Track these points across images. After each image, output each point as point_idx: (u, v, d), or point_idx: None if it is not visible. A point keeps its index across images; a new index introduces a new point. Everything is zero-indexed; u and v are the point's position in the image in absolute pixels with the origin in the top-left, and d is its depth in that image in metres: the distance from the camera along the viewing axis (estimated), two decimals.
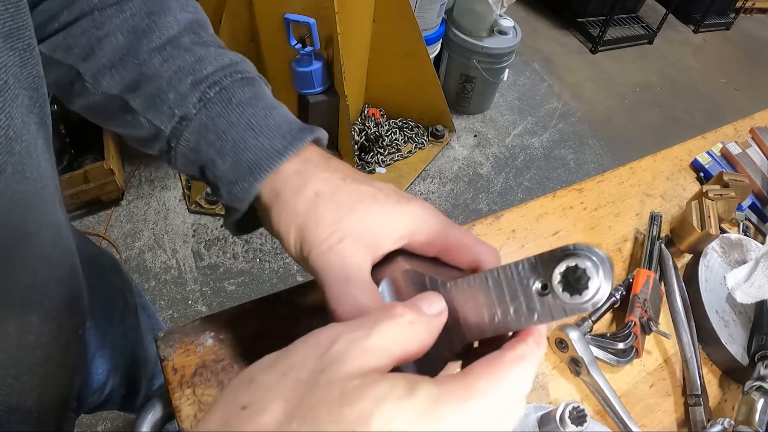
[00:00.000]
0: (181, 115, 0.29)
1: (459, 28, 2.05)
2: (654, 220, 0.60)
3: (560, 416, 0.37)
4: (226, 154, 0.29)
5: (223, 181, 0.29)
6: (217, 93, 0.30)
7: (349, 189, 0.28)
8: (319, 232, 0.26)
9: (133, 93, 0.30)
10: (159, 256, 1.57)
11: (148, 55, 0.30)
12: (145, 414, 0.38)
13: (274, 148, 0.28)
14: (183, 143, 0.30)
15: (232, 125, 0.29)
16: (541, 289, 0.21)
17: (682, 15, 3.68)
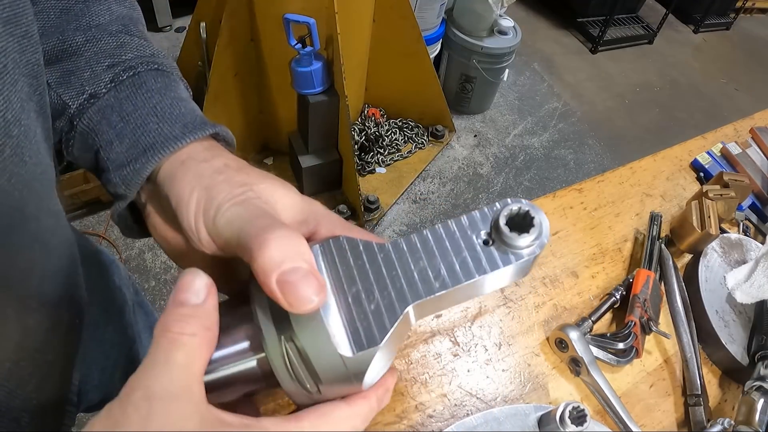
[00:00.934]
0: (91, 92, 0.29)
1: (459, 28, 2.05)
2: (654, 220, 0.60)
3: (560, 416, 0.37)
4: (125, 136, 0.28)
5: (116, 163, 0.28)
6: (129, 77, 0.30)
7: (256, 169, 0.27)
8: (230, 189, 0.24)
9: (51, 67, 0.30)
10: (159, 256, 1.57)
11: (72, 33, 0.30)
12: None
13: (173, 134, 0.27)
14: (85, 122, 0.29)
15: (137, 108, 0.29)
16: (484, 243, 0.22)
17: (682, 15, 3.69)
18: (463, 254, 0.22)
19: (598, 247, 0.58)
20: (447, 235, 0.22)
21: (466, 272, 0.21)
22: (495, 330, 0.48)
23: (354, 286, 0.21)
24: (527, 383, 0.45)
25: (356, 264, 0.22)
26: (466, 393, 0.43)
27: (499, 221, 0.22)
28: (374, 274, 0.22)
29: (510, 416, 0.40)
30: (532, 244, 0.22)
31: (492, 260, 0.22)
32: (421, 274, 0.22)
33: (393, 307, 0.21)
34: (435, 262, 0.22)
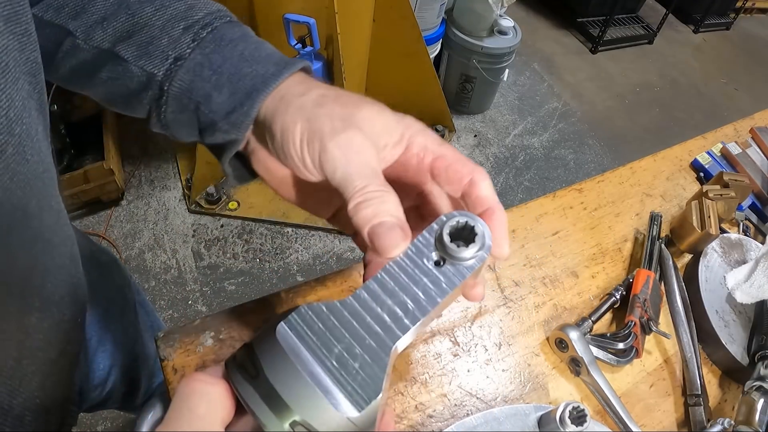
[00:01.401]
0: (175, 56, 0.30)
1: (459, 28, 2.05)
2: (654, 220, 0.60)
3: (560, 416, 0.37)
4: (223, 86, 0.29)
5: (220, 113, 0.29)
6: (209, 33, 0.31)
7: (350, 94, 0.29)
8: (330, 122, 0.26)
9: (125, 43, 0.31)
10: (159, 256, 1.57)
11: (139, 6, 0.31)
12: (145, 414, 0.38)
13: (269, 73, 0.29)
14: (176, 84, 0.30)
15: (227, 59, 0.30)
16: (436, 264, 0.23)
17: (682, 15, 3.68)
18: (422, 282, 0.23)
19: (598, 247, 0.58)
20: (400, 269, 0.23)
21: (430, 299, 0.23)
22: (495, 330, 0.48)
23: (334, 349, 0.22)
24: (527, 383, 0.45)
25: (327, 327, 0.22)
26: (466, 393, 0.43)
27: (444, 239, 0.23)
28: (348, 332, 0.22)
29: (510, 416, 0.40)
30: (478, 254, 0.23)
31: (449, 279, 0.23)
32: (391, 315, 0.22)
33: (378, 355, 0.21)
34: (399, 299, 0.23)
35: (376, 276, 0.23)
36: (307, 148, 0.26)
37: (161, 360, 0.38)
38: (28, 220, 0.28)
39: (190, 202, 1.68)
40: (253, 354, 0.21)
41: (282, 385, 0.20)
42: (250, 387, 0.21)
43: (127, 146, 1.81)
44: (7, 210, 0.25)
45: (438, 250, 0.23)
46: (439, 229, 0.23)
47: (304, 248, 1.66)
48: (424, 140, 0.28)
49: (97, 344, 0.53)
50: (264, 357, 0.21)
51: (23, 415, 0.35)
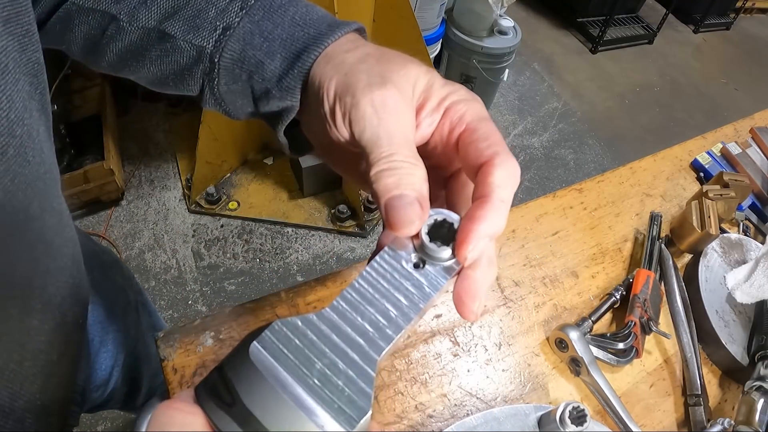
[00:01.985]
0: (224, 26, 0.29)
1: (459, 28, 2.05)
2: (654, 220, 0.60)
3: (560, 416, 0.37)
4: (275, 52, 0.28)
5: (273, 80, 0.28)
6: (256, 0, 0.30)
7: (398, 54, 0.27)
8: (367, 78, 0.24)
9: (171, 20, 0.30)
10: (159, 256, 1.57)
11: None
12: (145, 414, 0.38)
13: (321, 33, 0.28)
14: (227, 55, 0.29)
15: (277, 25, 0.29)
16: (415, 266, 0.22)
17: (682, 15, 3.68)
18: (403, 287, 0.21)
19: (598, 247, 0.58)
20: (379, 275, 0.22)
21: (413, 304, 0.21)
22: (495, 330, 0.48)
23: (314, 367, 0.20)
24: (527, 383, 0.45)
25: (305, 344, 0.20)
26: (466, 393, 0.43)
27: (423, 240, 0.21)
28: (328, 346, 0.20)
29: (510, 416, 0.40)
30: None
31: (431, 281, 0.22)
32: (373, 325, 0.21)
33: (363, 370, 0.20)
34: (380, 307, 0.21)
35: (353, 284, 0.22)
36: (339, 105, 0.24)
37: (161, 360, 0.38)
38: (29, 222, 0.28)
39: (190, 202, 1.68)
40: (226, 378, 0.20)
41: (261, 410, 0.18)
42: (226, 416, 0.19)
43: (127, 146, 1.81)
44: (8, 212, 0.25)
45: (417, 252, 0.22)
46: None
47: (304, 248, 1.66)
48: (464, 109, 0.24)
49: (99, 344, 0.53)
50: (239, 381, 0.19)
51: (24, 417, 0.35)
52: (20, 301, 0.30)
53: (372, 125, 0.23)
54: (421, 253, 0.22)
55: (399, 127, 0.23)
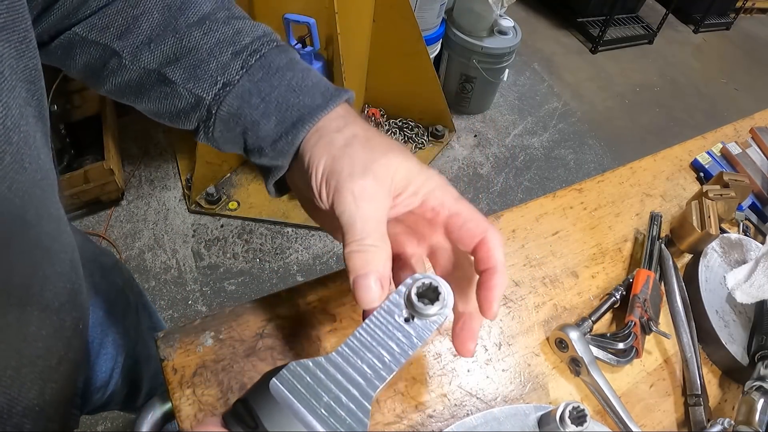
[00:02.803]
0: (224, 81, 0.31)
1: (459, 28, 2.05)
2: (654, 220, 0.60)
3: (560, 416, 0.37)
4: (271, 114, 0.30)
5: (267, 140, 0.31)
6: (257, 60, 0.31)
7: (382, 138, 0.30)
8: (350, 165, 0.28)
9: (173, 66, 0.31)
10: (159, 256, 1.57)
11: (187, 29, 0.32)
12: (145, 414, 0.38)
13: (315, 104, 0.30)
14: (224, 109, 0.31)
15: (274, 87, 0.31)
16: (406, 321, 0.27)
17: (682, 15, 3.68)
18: (395, 337, 0.26)
19: (598, 247, 0.58)
20: (376, 326, 0.27)
21: (403, 351, 0.26)
22: (495, 330, 0.48)
23: (322, 399, 0.24)
24: (527, 383, 0.45)
25: (315, 381, 0.25)
26: (466, 393, 0.43)
27: (412, 299, 0.26)
28: (334, 383, 0.25)
29: (510, 416, 0.40)
30: (443, 309, 0.27)
31: (419, 333, 0.27)
32: (371, 367, 0.26)
33: (361, 403, 0.25)
34: (376, 352, 0.26)
35: (355, 333, 0.26)
36: (325, 185, 0.28)
37: (161, 360, 0.38)
38: (26, 229, 0.28)
39: (190, 202, 1.68)
40: (249, 407, 0.24)
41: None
42: None
43: (127, 146, 1.81)
44: (5, 219, 0.25)
45: (407, 308, 0.27)
46: (407, 290, 0.27)
47: (304, 248, 1.66)
48: (442, 196, 0.29)
49: (98, 347, 0.53)
50: (260, 409, 0.24)
51: (22, 423, 0.35)
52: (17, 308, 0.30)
53: (350, 210, 0.27)
54: (411, 310, 0.27)
55: (373, 212, 0.27)
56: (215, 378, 0.38)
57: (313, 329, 0.42)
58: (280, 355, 0.40)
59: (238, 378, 0.38)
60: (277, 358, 0.40)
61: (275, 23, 1.35)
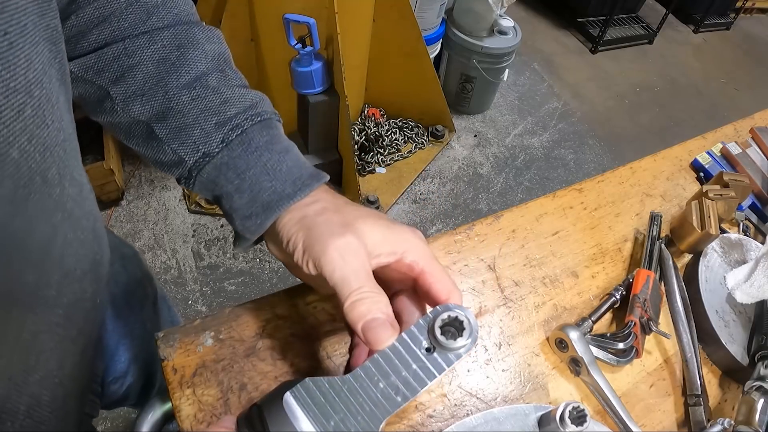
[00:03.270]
0: (205, 151, 0.33)
1: (459, 28, 2.05)
2: (654, 220, 0.60)
3: (560, 416, 0.37)
4: (244, 191, 0.32)
5: (239, 213, 0.32)
6: (238, 136, 0.33)
7: (351, 207, 0.32)
8: (328, 228, 0.29)
9: (160, 123, 0.33)
10: (159, 256, 1.57)
11: (177, 90, 0.33)
12: (145, 414, 0.38)
13: (285, 193, 0.32)
14: (203, 175, 0.33)
15: (250, 167, 0.32)
16: (426, 351, 0.26)
17: (682, 15, 3.68)
18: (413, 367, 0.26)
19: (598, 247, 0.58)
20: (395, 354, 0.26)
21: (419, 381, 0.26)
22: (495, 330, 0.48)
23: (332, 419, 0.25)
24: (527, 383, 0.45)
25: (327, 400, 0.25)
26: (466, 393, 0.43)
27: (435, 331, 0.26)
28: (345, 405, 0.25)
29: (510, 416, 0.40)
30: (467, 343, 0.26)
31: (437, 365, 0.26)
32: (384, 394, 0.26)
33: (369, 428, 0.25)
34: (391, 380, 0.26)
35: (374, 357, 0.26)
36: (308, 254, 0.29)
37: (161, 360, 0.38)
38: (48, 187, 0.28)
39: (190, 202, 1.68)
40: (262, 415, 0.25)
41: None
42: None
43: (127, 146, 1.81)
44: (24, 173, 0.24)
45: (430, 339, 0.26)
46: (432, 321, 0.26)
47: None
48: (416, 256, 0.31)
49: (117, 336, 0.53)
50: (270, 419, 0.25)
51: (40, 393, 0.35)
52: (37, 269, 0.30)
53: (339, 267, 0.28)
54: (433, 341, 0.26)
55: (361, 265, 0.28)
56: (215, 378, 0.38)
57: (313, 329, 0.42)
58: (279, 355, 0.40)
59: (238, 378, 0.38)
60: (277, 358, 0.40)
61: (275, 23, 1.35)
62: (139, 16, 0.33)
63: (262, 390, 0.38)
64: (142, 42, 0.33)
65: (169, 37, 0.34)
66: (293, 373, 0.39)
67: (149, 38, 0.33)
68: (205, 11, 1.64)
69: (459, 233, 0.53)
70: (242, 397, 0.37)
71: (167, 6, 0.35)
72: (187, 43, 0.34)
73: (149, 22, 0.33)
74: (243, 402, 0.37)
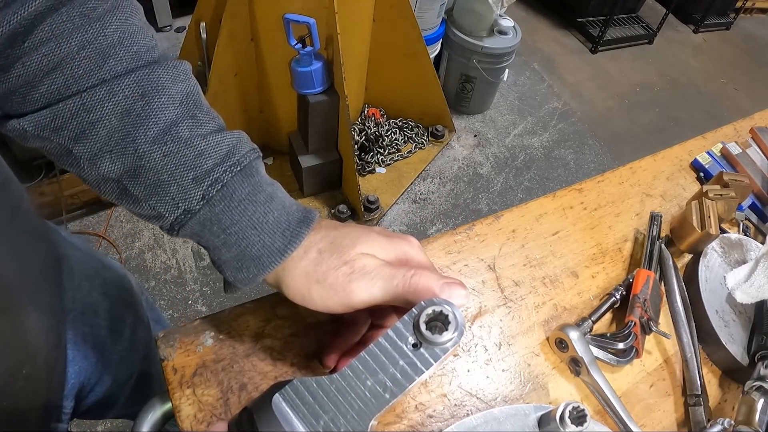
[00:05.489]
0: (185, 208, 0.31)
1: (459, 28, 2.05)
2: (654, 220, 0.60)
3: (560, 416, 0.37)
4: (231, 245, 0.31)
5: (229, 266, 0.32)
6: (218, 191, 0.31)
7: (343, 233, 0.32)
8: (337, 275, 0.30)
9: (133, 181, 0.30)
10: (159, 256, 1.57)
11: (148, 147, 0.29)
12: (145, 414, 0.38)
13: (275, 247, 0.31)
14: (186, 231, 0.32)
15: (235, 222, 0.31)
16: (413, 347, 0.26)
17: (682, 15, 3.68)
18: (400, 363, 0.26)
19: (598, 247, 0.58)
20: (381, 351, 0.26)
21: (407, 377, 0.26)
22: (495, 330, 0.48)
23: (321, 419, 0.25)
24: (527, 383, 0.45)
25: (316, 400, 0.26)
26: (466, 393, 0.43)
27: (420, 327, 0.26)
28: (333, 405, 0.25)
29: (510, 416, 0.40)
30: (452, 337, 0.26)
31: (424, 360, 0.26)
32: (372, 392, 0.26)
33: (358, 426, 0.25)
34: (379, 377, 0.26)
35: (361, 356, 0.26)
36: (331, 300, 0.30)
37: (161, 360, 0.38)
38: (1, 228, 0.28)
39: None
40: (252, 418, 0.25)
41: None
42: None
43: None
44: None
45: (416, 335, 0.27)
46: (417, 316, 0.27)
47: None
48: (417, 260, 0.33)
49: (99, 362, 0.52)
50: (261, 422, 0.25)
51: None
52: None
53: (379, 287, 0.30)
54: (419, 337, 0.27)
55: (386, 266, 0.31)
56: (215, 378, 0.38)
57: (313, 329, 0.42)
58: (279, 355, 0.40)
59: (238, 378, 0.38)
60: (277, 358, 0.40)
61: (275, 23, 1.35)
62: (94, 60, 0.29)
63: (262, 390, 0.38)
64: (101, 94, 0.29)
65: (131, 85, 0.30)
66: (293, 373, 0.39)
67: (108, 90, 0.29)
68: (205, 11, 1.64)
69: (459, 233, 0.53)
70: (242, 397, 0.37)
71: (124, 44, 0.30)
72: (151, 90, 0.30)
73: (106, 67, 0.29)
74: (243, 402, 0.37)
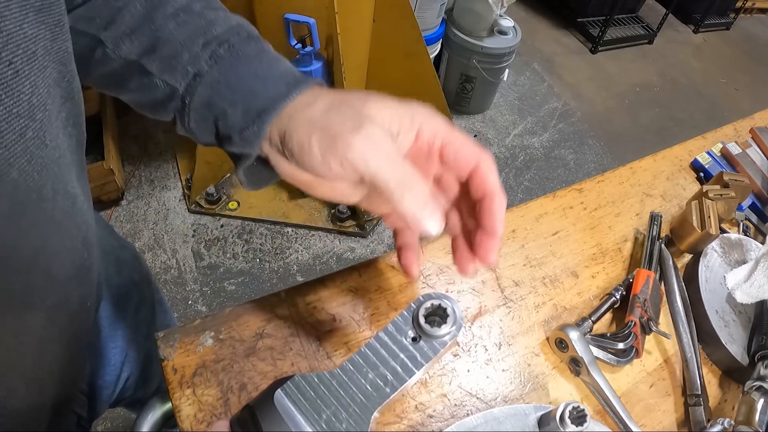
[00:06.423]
0: (195, 72, 0.32)
1: (459, 28, 2.05)
2: (654, 220, 0.60)
3: (560, 416, 0.37)
4: (237, 103, 0.31)
5: (235, 128, 0.31)
6: (226, 50, 0.32)
7: (356, 94, 0.31)
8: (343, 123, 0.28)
9: (150, 57, 0.33)
10: (159, 256, 1.57)
11: (163, 21, 0.33)
12: (145, 414, 0.38)
13: (279, 93, 0.30)
14: (197, 99, 0.32)
15: (241, 77, 0.31)
16: (412, 340, 0.27)
17: (682, 15, 3.68)
18: (400, 357, 0.27)
19: (598, 247, 0.58)
20: (382, 345, 0.27)
21: (407, 371, 0.26)
22: (495, 330, 0.48)
23: (323, 413, 0.25)
24: (527, 383, 0.45)
25: (318, 395, 0.26)
26: (466, 393, 0.43)
27: (420, 320, 0.27)
28: (335, 399, 0.26)
29: (510, 416, 0.40)
30: (451, 330, 0.27)
31: (424, 354, 0.27)
32: (373, 385, 0.26)
33: (360, 419, 0.25)
34: (380, 371, 0.26)
35: (361, 350, 0.27)
36: (330, 154, 0.27)
37: (161, 360, 0.38)
38: (42, 202, 0.28)
39: (190, 202, 1.68)
40: (254, 415, 0.25)
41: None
42: None
43: (127, 146, 1.81)
44: (21, 191, 0.25)
45: (415, 328, 0.27)
46: (416, 310, 0.27)
47: (304, 248, 1.66)
48: (434, 125, 0.30)
49: (109, 339, 0.53)
50: (263, 418, 0.25)
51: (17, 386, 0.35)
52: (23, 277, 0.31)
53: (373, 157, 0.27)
54: (418, 330, 0.27)
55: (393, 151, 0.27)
56: (215, 378, 0.38)
57: (313, 329, 0.42)
58: (279, 355, 0.40)
59: (238, 378, 0.38)
60: (277, 358, 0.40)
61: (275, 23, 1.35)
62: None
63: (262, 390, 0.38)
64: None
65: None
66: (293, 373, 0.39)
67: None
68: None
69: None
70: (242, 397, 0.37)
71: None
72: None
73: None
74: (243, 402, 0.37)
